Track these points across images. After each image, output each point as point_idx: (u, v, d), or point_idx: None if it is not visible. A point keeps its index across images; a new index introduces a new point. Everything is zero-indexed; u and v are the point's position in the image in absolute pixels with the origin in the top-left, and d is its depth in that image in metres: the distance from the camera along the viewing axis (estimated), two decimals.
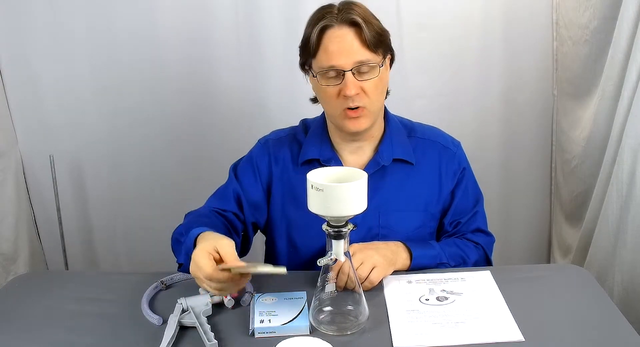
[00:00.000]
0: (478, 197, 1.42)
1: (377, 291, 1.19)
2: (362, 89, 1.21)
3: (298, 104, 1.89)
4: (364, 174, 1.02)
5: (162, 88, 2.06)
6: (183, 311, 1.11)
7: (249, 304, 1.15)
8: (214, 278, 1.00)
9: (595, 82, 1.78)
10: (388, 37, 1.26)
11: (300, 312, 1.10)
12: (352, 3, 1.23)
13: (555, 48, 2.08)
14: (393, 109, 1.39)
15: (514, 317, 1.09)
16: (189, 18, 1.99)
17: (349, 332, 1.06)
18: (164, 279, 1.25)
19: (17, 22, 1.97)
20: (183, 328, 1.09)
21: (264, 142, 1.39)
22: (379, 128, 1.34)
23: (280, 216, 1.36)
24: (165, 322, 1.09)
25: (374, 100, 1.23)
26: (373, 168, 1.31)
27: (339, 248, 1.04)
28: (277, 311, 1.10)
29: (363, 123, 1.24)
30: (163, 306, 1.17)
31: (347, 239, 1.05)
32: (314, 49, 1.22)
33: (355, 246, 1.20)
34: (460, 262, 1.33)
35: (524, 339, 1.03)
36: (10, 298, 1.23)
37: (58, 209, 2.09)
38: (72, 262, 2.18)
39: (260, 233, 1.45)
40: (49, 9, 1.96)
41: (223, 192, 1.37)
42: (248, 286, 1.20)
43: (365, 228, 1.31)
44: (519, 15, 2.04)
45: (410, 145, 1.35)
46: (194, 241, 1.10)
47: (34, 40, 1.99)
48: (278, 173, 1.35)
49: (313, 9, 1.25)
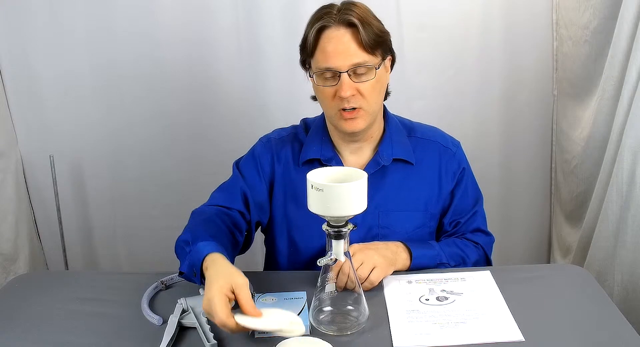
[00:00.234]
0: (478, 197, 1.42)
1: (377, 291, 1.19)
2: (358, 91, 1.20)
3: (298, 104, 1.90)
4: (364, 174, 1.02)
5: (162, 88, 2.06)
6: (183, 311, 1.11)
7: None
8: (226, 326, 0.96)
9: (595, 82, 1.78)
10: (388, 38, 1.25)
11: (300, 312, 1.10)
12: (352, 3, 1.22)
13: (555, 48, 2.08)
14: (393, 109, 1.39)
15: (514, 317, 1.09)
16: (189, 18, 1.99)
17: (349, 332, 1.06)
18: (164, 279, 1.25)
19: (17, 21, 1.97)
20: (183, 328, 1.09)
21: (267, 140, 1.38)
22: (379, 128, 1.34)
23: (282, 215, 1.36)
24: (166, 322, 1.09)
25: (371, 102, 1.23)
26: (373, 168, 1.31)
27: (339, 248, 1.04)
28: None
29: (359, 124, 1.24)
30: (163, 306, 1.17)
31: (347, 239, 1.05)
32: (311, 49, 1.22)
33: (355, 246, 1.20)
34: (460, 262, 1.33)
35: (524, 339, 1.03)
36: (10, 298, 1.23)
37: (58, 209, 2.09)
38: (72, 262, 2.18)
39: (260, 233, 1.45)
40: (49, 9, 1.96)
41: (229, 188, 1.35)
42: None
43: (365, 228, 1.32)
44: (519, 15, 2.04)
45: (410, 145, 1.35)
46: (202, 259, 1.07)
47: (34, 40, 1.99)
48: (280, 172, 1.35)
49: (313, 9, 1.25)
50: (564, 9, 1.98)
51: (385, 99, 1.35)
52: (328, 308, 1.10)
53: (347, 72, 1.18)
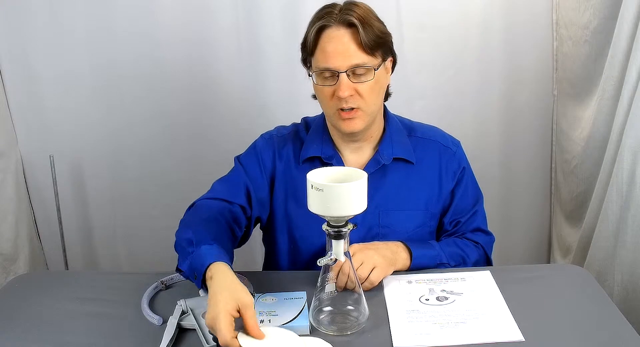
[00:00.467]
0: (478, 196, 1.42)
1: (377, 291, 1.19)
2: (356, 91, 1.20)
3: (298, 104, 1.90)
4: (364, 174, 1.02)
5: (162, 88, 2.06)
6: (183, 312, 1.11)
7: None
8: (229, 345, 0.94)
9: (595, 82, 1.78)
10: (389, 39, 1.25)
11: (300, 312, 1.10)
12: (354, 3, 1.22)
13: (555, 48, 2.07)
14: (393, 109, 1.39)
15: (514, 317, 1.09)
16: (189, 18, 1.99)
17: (349, 332, 1.06)
18: (164, 279, 1.25)
19: (17, 21, 1.97)
20: (182, 330, 1.08)
21: (269, 137, 1.38)
22: (379, 128, 1.34)
23: (282, 213, 1.36)
24: (165, 322, 1.09)
25: (369, 103, 1.23)
26: (373, 167, 1.31)
27: (339, 248, 1.04)
28: (277, 311, 1.10)
29: (357, 124, 1.24)
30: (163, 306, 1.17)
31: (347, 239, 1.05)
32: (311, 48, 1.22)
33: (355, 246, 1.20)
34: (460, 262, 1.33)
35: (524, 339, 1.03)
36: (10, 298, 1.23)
37: (58, 209, 2.08)
38: (72, 262, 2.18)
39: (257, 234, 1.45)
40: (49, 9, 1.96)
41: (232, 181, 1.34)
42: (248, 286, 1.20)
43: (366, 227, 1.32)
44: (519, 15, 2.04)
45: (411, 145, 1.35)
46: (207, 266, 1.06)
47: (34, 40, 1.99)
48: (281, 169, 1.35)
49: (313, 9, 1.25)
50: (564, 9, 1.98)
51: (386, 100, 1.35)
52: (328, 308, 1.09)
53: (346, 72, 1.18)
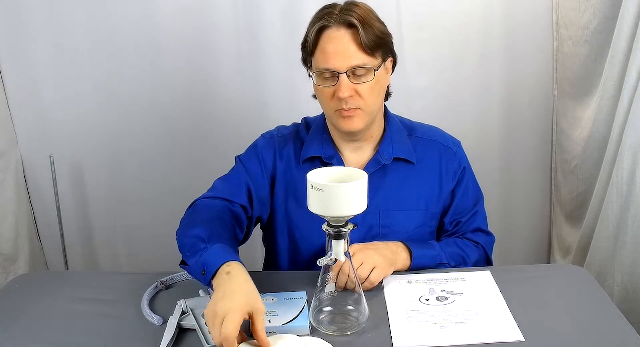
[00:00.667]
0: (478, 196, 1.42)
1: (377, 291, 1.19)
2: (356, 91, 1.20)
3: (298, 104, 1.90)
4: (364, 174, 1.02)
5: (162, 88, 2.06)
6: (183, 312, 1.11)
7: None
8: (228, 341, 0.93)
9: (595, 82, 1.78)
10: (389, 40, 1.25)
11: (300, 312, 1.10)
12: (354, 4, 1.22)
13: (555, 48, 2.08)
14: (393, 109, 1.39)
15: (514, 317, 1.09)
16: (189, 19, 1.99)
17: (349, 332, 1.06)
18: (164, 279, 1.25)
19: (17, 22, 1.97)
20: (182, 330, 1.08)
21: (270, 136, 1.38)
22: (379, 128, 1.34)
23: (282, 212, 1.36)
24: (165, 322, 1.09)
25: (369, 103, 1.23)
26: (373, 167, 1.31)
27: (339, 248, 1.04)
28: (277, 311, 1.10)
29: (357, 123, 1.24)
30: (163, 306, 1.17)
31: (347, 239, 1.04)
32: (311, 49, 1.22)
33: (355, 246, 1.20)
34: (460, 262, 1.33)
35: (524, 339, 1.03)
36: (10, 298, 1.23)
37: (58, 209, 2.09)
38: (72, 262, 2.18)
39: (257, 233, 1.45)
40: (49, 10, 1.96)
41: (233, 180, 1.34)
42: None
43: (366, 227, 1.32)
44: (519, 16, 2.04)
45: (411, 145, 1.35)
46: (222, 263, 1.05)
47: (34, 40, 1.99)
48: (282, 169, 1.35)
49: (313, 10, 1.25)
50: (564, 9, 1.98)
51: (387, 100, 1.35)
52: (328, 308, 1.09)
53: (346, 73, 1.18)
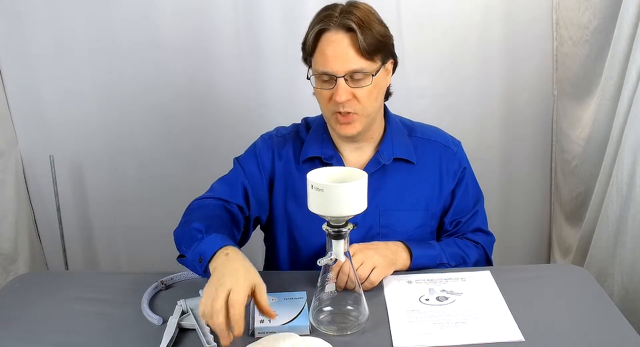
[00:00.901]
0: (478, 196, 1.42)
1: (377, 291, 1.19)
2: (354, 96, 1.20)
3: (298, 104, 1.90)
4: (364, 174, 1.02)
5: (162, 88, 2.06)
6: (183, 312, 1.11)
7: (249, 304, 1.15)
8: (235, 307, 0.96)
9: (595, 82, 1.78)
10: (390, 42, 1.24)
11: (300, 312, 1.10)
12: (355, 5, 1.21)
13: (555, 48, 2.08)
14: (393, 109, 1.39)
15: (514, 317, 1.09)
16: (189, 19, 1.99)
17: (349, 332, 1.06)
18: (164, 279, 1.25)
19: (17, 22, 1.97)
20: (182, 330, 1.08)
21: (268, 137, 1.39)
22: (379, 128, 1.34)
23: (282, 213, 1.36)
24: (165, 322, 1.09)
25: (367, 106, 1.22)
26: (374, 167, 1.31)
27: (339, 248, 1.04)
28: (277, 311, 1.10)
29: (354, 128, 1.24)
30: (163, 306, 1.17)
31: (347, 239, 1.05)
32: (310, 51, 1.22)
33: (356, 246, 1.20)
34: (461, 262, 1.33)
35: (524, 339, 1.03)
36: (10, 298, 1.23)
37: (58, 209, 2.09)
38: (72, 262, 2.18)
39: (258, 234, 1.45)
40: (49, 10, 1.96)
41: (230, 181, 1.35)
42: None
43: (366, 227, 1.32)
44: (519, 15, 2.04)
45: (411, 145, 1.35)
46: (218, 248, 1.07)
47: (34, 41, 1.99)
48: (281, 169, 1.35)
49: (313, 10, 1.25)
50: (564, 9, 1.98)
51: (387, 100, 1.35)
52: (328, 308, 1.10)
53: (343, 77, 1.18)
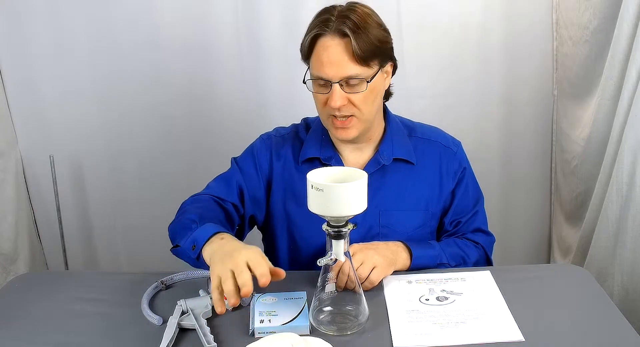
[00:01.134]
0: (478, 196, 1.42)
1: (377, 291, 1.19)
2: (349, 100, 1.20)
3: (298, 104, 1.90)
4: (364, 174, 1.02)
5: (162, 88, 2.06)
6: (183, 312, 1.11)
7: (249, 304, 1.15)
8: (265, 276, 0.98)
9: (595, 82, 1.78)
10: (387, 46, 1.23)
11: (300, 312, 1.10)
12: (353, 9, 1.19)
13: (555, 48, 2.08)
14: (393, 109, 1.39)
15: (514, 317, 1.09)
16: (189, 19, 1.99)
17: (349, 332, 1.06)
18: (164, 279, 1.25)
19: (17, 22, 1.97)
20: (182, 330, 1.08)
21: (267, 137, 1.39)
22: (379, 129, 1.34)
23: (282, 213, 1.36)
24: (165, 322, 1.09)
25: (364, 111, 1.22)
26: (373, 167, 1.31)
27: (339, 248, 1.04)
28: (277, 311, 1.10)
29: (351, 132, 1.24)
30: (163, 306, 1.17)
31: (347, 239, 1.05)
32: (307, 55, 1.22)
33: (355, 246, 1.20)
34: (461, 262, 1.33)
35: (524, 339, 1.03)
36: (10, 298, 1.23)
37: (58, 209, 2.09)
38: (72, 262, 2.18)
39: (257, 233, 1.45)
40: (49, 10, 1.96)
41: (226, 179, 1.35)
42: None
43: (366, 227, 1.32)
44: (519, 15, 2.04)
45: (411, 145, 1.35)
46: (212, 234, 1.10)
47: (34, 41, 1.99)
48: (279, 169, 1.35)
49: (313, 10, 1.25)
50: (564, 9, 1.98)
51: (387, 100, 1.35)
52: (328, 308, 1.09)
53: (339, 82, 1.18)
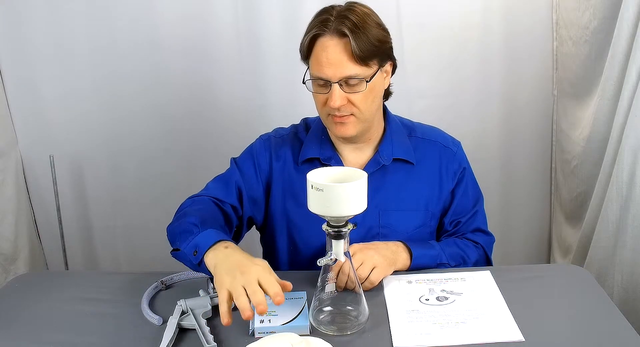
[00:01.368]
0: (478, 196, 1.42)
1: (377, 291, 1.19)
2: (348, 100, 1.20)
3: (298, 105, 1.90)
4: (364, 174, 1.02)
5: (162, 88, 2.06)
6: (183, 312, 1.11)
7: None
8: (280, 295, 0.97)
9: (595, 82, 1.78)
10: (387, 46, 1.23)
11: (300, 312, 1.10)
12: (351, 9, 1.20)
13: (555, 48, 2.08)
14: (393, 109, 1.39)
15: (514, 317, 1.09)
16: (189, 19, 1.99)
17: (349, 332, 1.06)
18: (164, 279, 1.25)
19: (17, 22, 1.97)
20: (182, 330, 1.08)
21: (267, 138, 1.39)
22: (378, 129, 1.34)
23: (281, 214, 1.36)
24: (165, 322, 1.09)
25: (363, 110, 1.22)
26: (373, 167, 1.31)
27: (339, 248, 1.04)
28: (277, 311, 1.10)
29: (350, 129, 1.24)
30: (163, 306, 1.17)
31: (347, 239, 1.05)
32: (306, 55, 1.22)
33: (355, 246, 1.20)
34: (460, 262, 1.33)
35: (524, 339, 1.03)
36: (10, 298, 1.23)
37: (58, 209, 2.09)
38: (72, 262, 2.18)
39: (255, 234, 1.45)
40: (49, 10, 1.96)
41: (225, 180, 1.35)
42: None
43: (366, 227, 1.32)
44: (519, 15, 2.04)
45: (411, 145, 1.35)
46: (215, 241, 1.09)
47: (34, 41, 1.99)
48: (279, 170, 1.35)
49: (313, 9, 1.25)
50: (564, 9, 1.98)
51: (387, 99, 1.35)
52: (328, 308, 1.10)
53: (338, 82, 1.18)
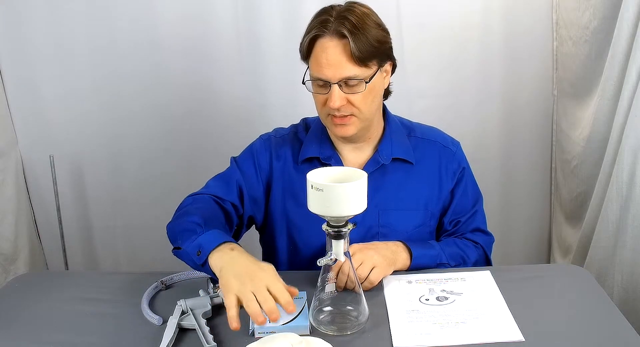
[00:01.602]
0: (477, 196, 1.42)
1: (377, 291, 1.19)
2: (348, 100, 1.20)
3: (298, 104, 1.90)
4: (364, 174, 1.02)
5: (162, 88, 2.06)
6: (183, 312, 1.11)
7: None
8: (291, 303, 0.98)
9: (595, 82, 1.78)
10: (386, 46, 1.23)
11: (300, 312, 1.10)
12: (351, 9, 1.19)
13: (555, 48, 2.08)
14: (393, 109, 1.39)
15: (514, 317, 1.09)
16: (189, 19, 1.99)
17: (349, 332, 1.06)
18: (164, 279, 1.25)
19: (17, 22, 1.97)
20: (182, 330, 1.08)
21: (267, 138, 1.39)
22: (378, 129, 1.34)
23: (281, 213, 1.36)
24: (165, 322, 1.09)
25: (363, 110, 1.22)
26: (372, 167, 1.31)
27: (339, 248, 1.04)
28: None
29: (350, 129, 1.24)
30: (163, 306, 1.17)
31: (347, 239, 1.05)
32: (306, 56, 1.22)
33: (355, 246, 1.20)
34: (460, 262, 1.33)
35: (524, 339, 1.03)
36: (10, 298, 1.23)
37: (58, 209, 2.09)
38: (72, 262, 2.18)
39: (254, 234, 1.45)
40: (49, 10, 1.96)
41: (225, 178, 1.35)
42: None
43: (365, 227, 1.32)
44: (519, 15, 2.04)
45: (410, 145, 1.35)
46: (220, 243, 1.09)
47: (34, 41, 1.99)
48: (279, 169, 1.35)
49: (313, 9, 1.25)
50: (564, 9, 1.98)
51: (387, 99, 1.35)
52: (328, 308, 1.09)
53: (337, 83, 1.18)
